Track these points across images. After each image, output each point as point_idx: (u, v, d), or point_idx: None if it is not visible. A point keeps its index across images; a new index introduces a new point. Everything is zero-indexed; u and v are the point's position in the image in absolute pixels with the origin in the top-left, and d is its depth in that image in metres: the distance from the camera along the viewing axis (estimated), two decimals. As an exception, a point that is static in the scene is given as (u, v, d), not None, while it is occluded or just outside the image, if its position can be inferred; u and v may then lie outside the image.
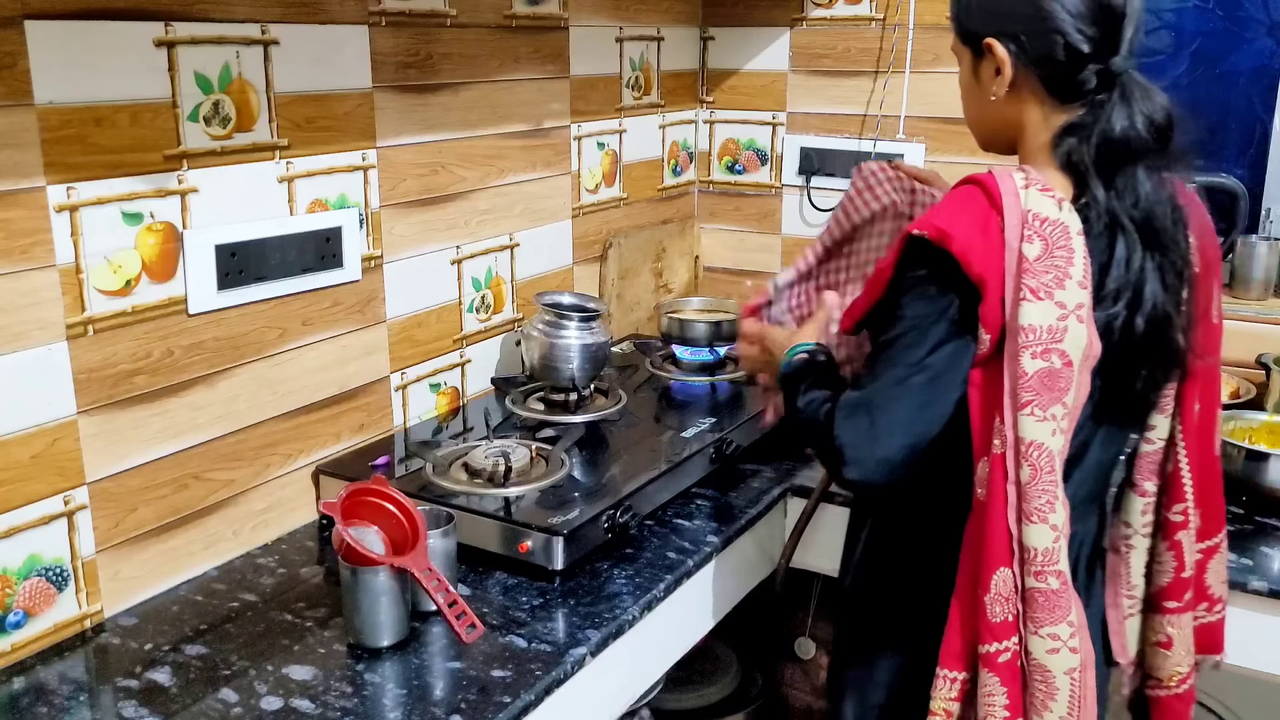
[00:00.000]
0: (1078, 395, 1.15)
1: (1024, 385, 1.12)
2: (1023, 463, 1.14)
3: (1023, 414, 1.13)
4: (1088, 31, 1.15)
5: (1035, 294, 1.12)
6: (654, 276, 2.50)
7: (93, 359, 1.35)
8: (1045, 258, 1.13)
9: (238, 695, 1.24)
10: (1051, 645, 1.17)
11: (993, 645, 1.18)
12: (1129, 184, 1.17)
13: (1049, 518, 1.14)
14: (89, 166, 1.31)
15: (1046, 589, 1.16)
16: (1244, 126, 2.35)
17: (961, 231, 1.13)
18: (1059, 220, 1.14)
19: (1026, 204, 1.14)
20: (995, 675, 1.18)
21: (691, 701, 2.16)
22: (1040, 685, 1.18)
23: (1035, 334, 1.12)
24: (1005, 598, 1.17)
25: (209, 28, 1.44)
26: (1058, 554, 1.15)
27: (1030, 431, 1.13)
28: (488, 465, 1.63)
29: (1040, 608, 1.16)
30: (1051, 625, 1.16)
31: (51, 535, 1.33)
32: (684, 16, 2.51)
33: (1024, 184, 1.16)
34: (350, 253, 1.68)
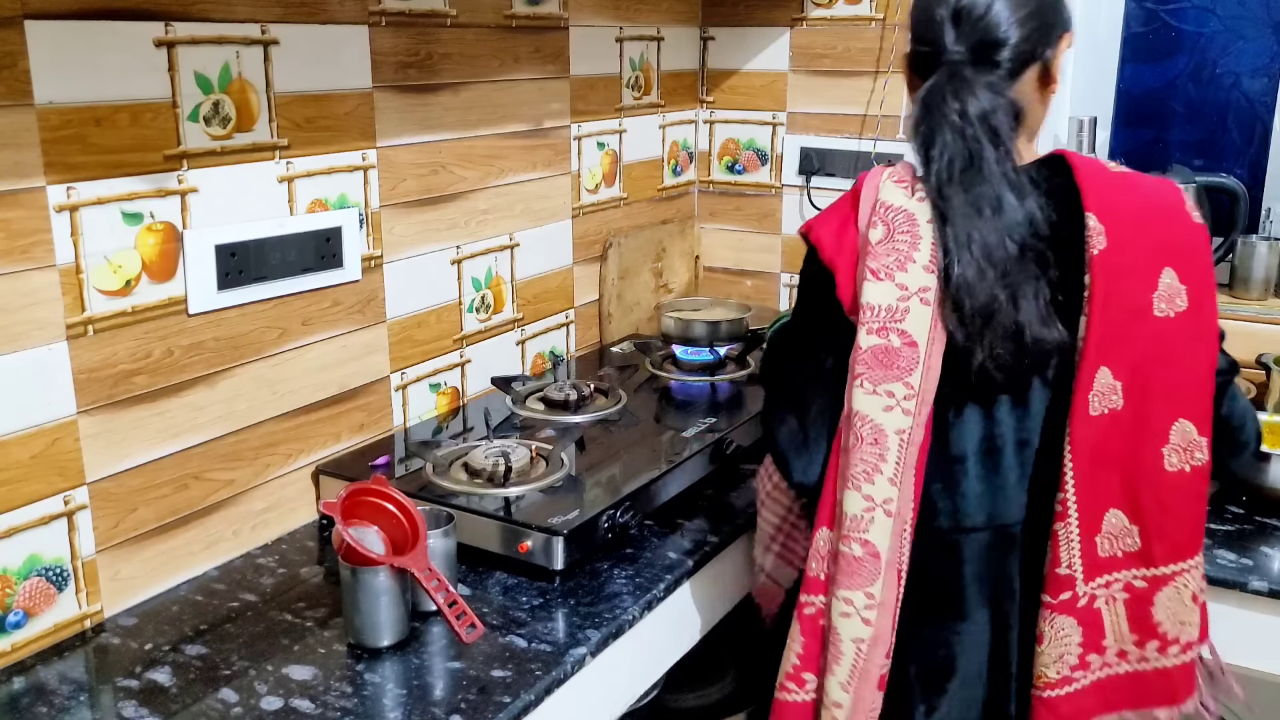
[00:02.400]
0: (926, 378, 1.21)
1: (859, 359, 1.22)
2: (849, 431, 1.23)
3: (854, 385, 1.23)
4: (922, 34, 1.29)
5: (875, 275, 1.21)
6: (654, 276, 2.50)
7: (93, 359, 1.35)
8: (886, 241, 1.22)
9: (238, 695, 1.24)
10: (844, 609, 1.25)
11: (804, 597, 1.29)
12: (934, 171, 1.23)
13: (863, 487, 1.23)
14: (89, 166, 1.31)
15: (850, 554, 1.24)
16: (1244, 126, 2.35)
17: (821, 223, 1.29)
18: (903, 208, 1.23)
19: (880, 195, 1.25)
20: (798, 625, 1.29)
21: (691, 701, 2.16)
22: (830, 646, 1.27)
23: (874, 312, 1.21)
24: (821, 556, 1.27)
25: (209, 28, 1.44)
26: (868, 523, 1.23)
27: (859, 403, 1.22)
28: (488, 465, 1.63)
29: (842, 570, 1.25)
30: (848, 590, 1.25)
31: (51, 535, 1.33)
32: (684, 16, 2.51)
33: (885, 177, 1.27)
34: (350, 253, 1.68)
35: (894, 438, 1.21)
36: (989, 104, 1.22)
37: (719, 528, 1.65)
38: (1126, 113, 2.44)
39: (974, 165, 1.21)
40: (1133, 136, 2.45)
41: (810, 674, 1.29)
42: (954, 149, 1.21)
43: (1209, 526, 1.69)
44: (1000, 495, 1.30)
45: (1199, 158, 2.39)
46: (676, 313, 2.32)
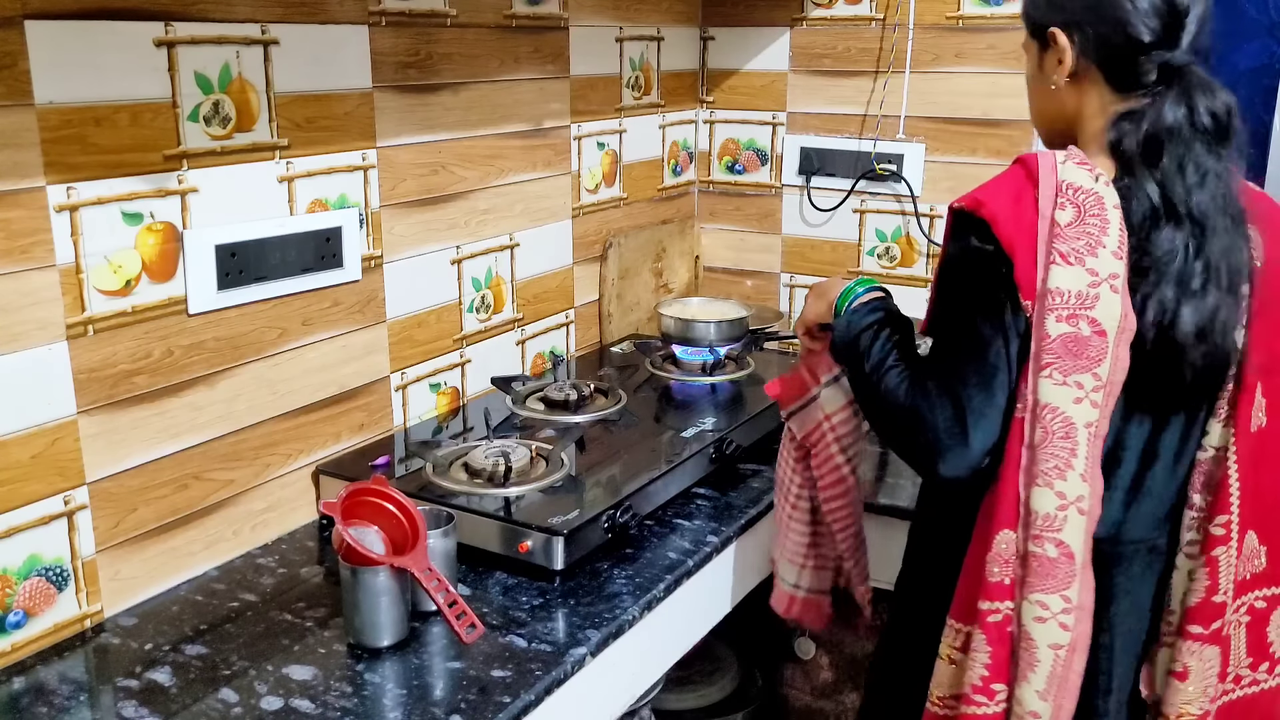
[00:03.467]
0: (1114, 369, 1.15)
1: (1046, 348, 1.13)
2: (1036, 425, 1.15)
3: (1042, 376, 1.14)
4: (1150, 23, 1.18)
5: (1065, 259, 1.13)
6: (654, 276, 2.50)
7: (93, 359, 1.35)
8: (1077, 224, 1.14)
9: (238, 695, 1.24)
10: (1039, 614, 1.18)
11: (986, 604, 1.20)
12: (1176, 172, 1.17)
13: (1055, 483, 1.15)
14: (89, 166, 1.31)
15: (1043, 555, 1.16)
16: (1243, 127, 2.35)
17: (993, 199, 1.17)
18: (1093, 190, 1.16)
19: (1062, 175, 1.17)
20: (984, 634, 1.20)
21: (691, 701, 2.16)
22: (1024, 653, 1.19)
23: (1063, 298, 1.13)
24: (1005, 560, 1.19)
25: (209, 28, 1.44)
26: (1061, 522, 1.16)
27: (1047, 394, 1.14)
28: (488, 465, 1.63)
29: (1035, 573, 1.17)
30: (1043, 594, 1.17)
31: (51, 535, 1.33)
32: (684, 16, 2.51)
33: (1063, 159, 1.19)
34: (350, 253, 1.68)
35: (1083, 431, 1.15)
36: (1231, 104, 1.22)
37: (719, 528, 1.65)
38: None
39: (1223, 174, 1.21)
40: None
41: (1000, 684, 1.21)
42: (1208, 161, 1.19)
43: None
44: (1149, 509, 1.26)
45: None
46: (676, 313, 2.32)
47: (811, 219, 2.53)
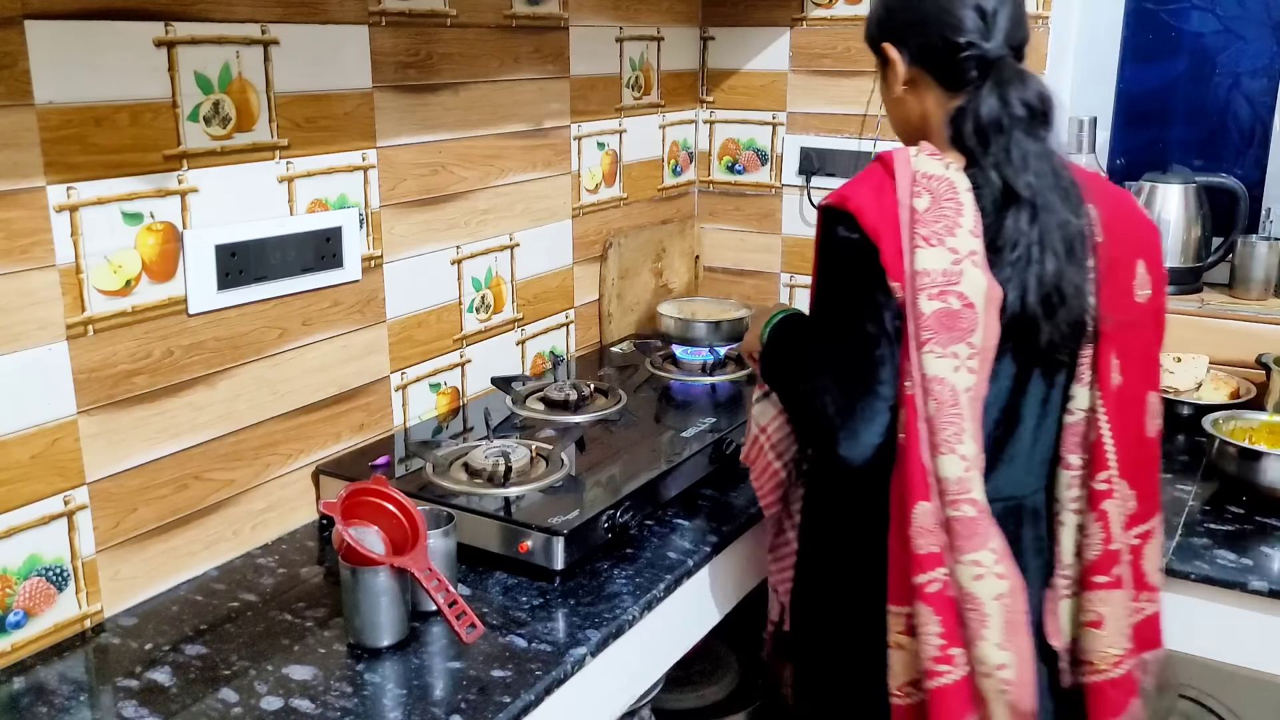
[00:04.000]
0: (986, 335, 1.23)
1: (924, 325, 1.22)
2: (928, 398, 1.23)
3: (924, 351, 1.22)
4: (964, 25, 1.30)
5: (927, 241, 1.23)
6: (654, 276, 2.50)
7: (93, 359, 1.35)
8: (934, 209, 1.24)
9: (238, 695, 1.24)
10: (976, 572, 1.24)
11: (921, 576, 1.25)
12: (1004, 154, 1.27)
13: (957, 448, 1.23)
14: (89, 166, 1.31)
15: (963, 516, 1.23)
16: (1244, 126, 2.35)
17: (855, 193, 1.27)
18: (945, 176, 1.27)
19: (916, 166, 1.28)
20: (928, 605, 1.25)
21: (691, 701, 2.16)
22: (972, 613, 1.24)
23: (930, 277, 1.22)
24: (929, 529, 1.24)
25: (209, 28, 1.44)
26: (969, 483, 1.24)
27: (932, 367, 1.22)
28: (488, 465, 1.63)
29: (960, 536, 1.24)
30: (973, 552, 1.24)
31: (51, 535, 1.33)
32: (684, 16, 2.51)
33: (915, 153, 1.30)
34: (350, 253, 1.68)
35: (964, 396, 1.23)
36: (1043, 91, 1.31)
37: (719, 528, 1.65)
38: (1126, 113, 2.44)
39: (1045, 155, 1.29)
40: (1133, 136, 2.45)
41: (957, 648, 1.25)
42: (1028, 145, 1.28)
43: (1209, 526, 1.69)
44: (1018, 470, 1.35)
45: (1199, 158, 2.39)
46: (676, 313, 2.32)
47: (812, 219, 2.52)
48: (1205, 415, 1.89)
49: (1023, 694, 1.26)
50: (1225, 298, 2.23)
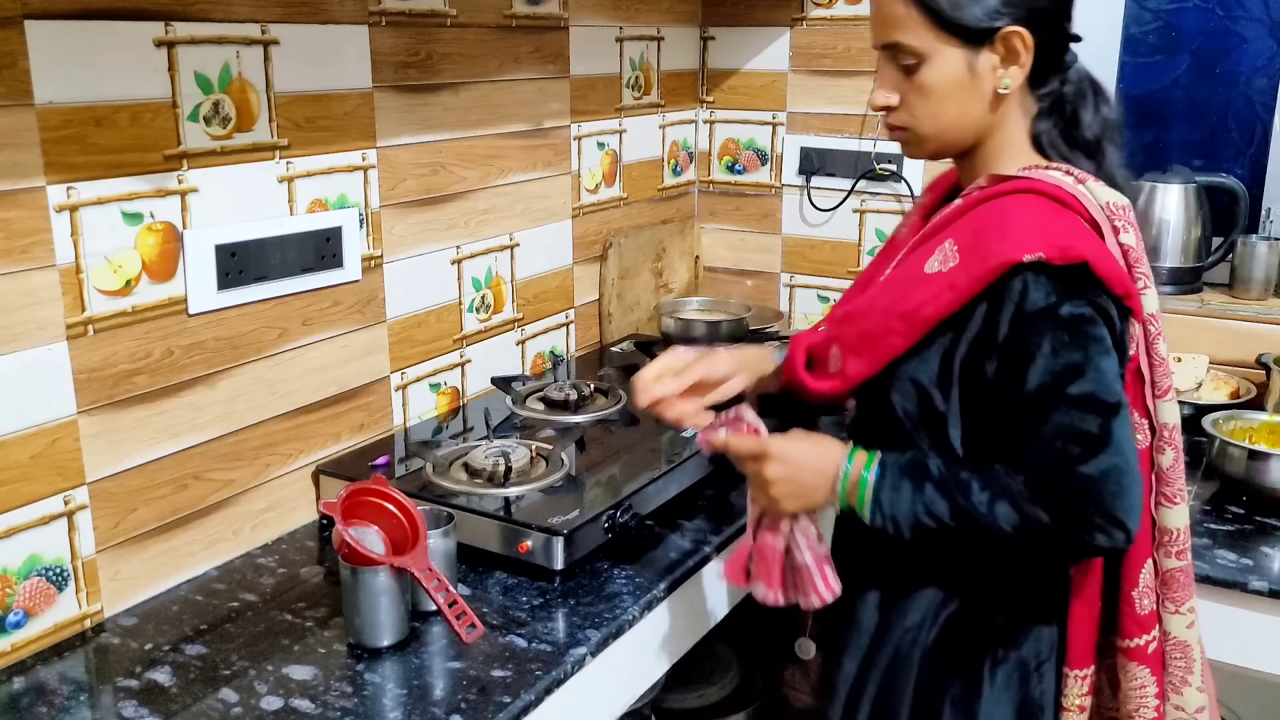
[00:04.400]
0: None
1: (1160, 372, 1.13)
2: (1165, 447, 1.15)
3: (1163, 400, 1.14)
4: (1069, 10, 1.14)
5: (1147, 279, 1.12)
6: (654, 276, 2.50)
7: (93, 359, 1.35)
8: (1138, 245, 1.12)
9: (238, 695, 1.24)
10: (1189, 620, 1.18)
11: (1141, 639, 1.16)
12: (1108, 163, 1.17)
13: (1186, 496, 1.17)
14: (89, 166, 1.31)
15: (1185, 565, 1.16)
16: (1244, 126, 2.35)
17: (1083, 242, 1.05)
18: (1126, 204, 1.13)
19: (1099, 195, 1.12)
20: (1145, 667, 1.17)
21: (691, 701, 2.16)
22: (1179, 662, 1.18)
23: (1157, 322, 1.13)
24: (1150, 588, 1.16)
25: (209, 28, 1.43)
26: (1189, 531, 1.18)
27: (1168, 415, 1.14)
28: (488, 465, 1.63)
29: (1181, 586, 1.17)
30: (1188, 601, 1.18)
31: (51, 535, 1.33)
32: (684, 16, 2.51)
33: (1072, 181, 1.13)
34: (350, 253, 1.68)
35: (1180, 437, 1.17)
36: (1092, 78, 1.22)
37: (719, 528, 1.65)
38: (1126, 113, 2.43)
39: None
40: (1133, 136, 2.45)
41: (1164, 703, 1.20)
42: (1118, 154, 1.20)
43: (1209, 526, 1.69)
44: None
45: (1199, 158, 2.39)
46: (676, 313, 2.32)
47: (811, 219, 2.53)
48: (1205, 415, 1.88)
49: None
50: (1225, 298, 2.23)
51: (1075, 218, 1.09)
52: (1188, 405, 2.07)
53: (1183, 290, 2.25)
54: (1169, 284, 2.25)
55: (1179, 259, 2.25)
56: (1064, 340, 1.05)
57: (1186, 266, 2.25)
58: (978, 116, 1.16)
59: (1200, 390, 2.12)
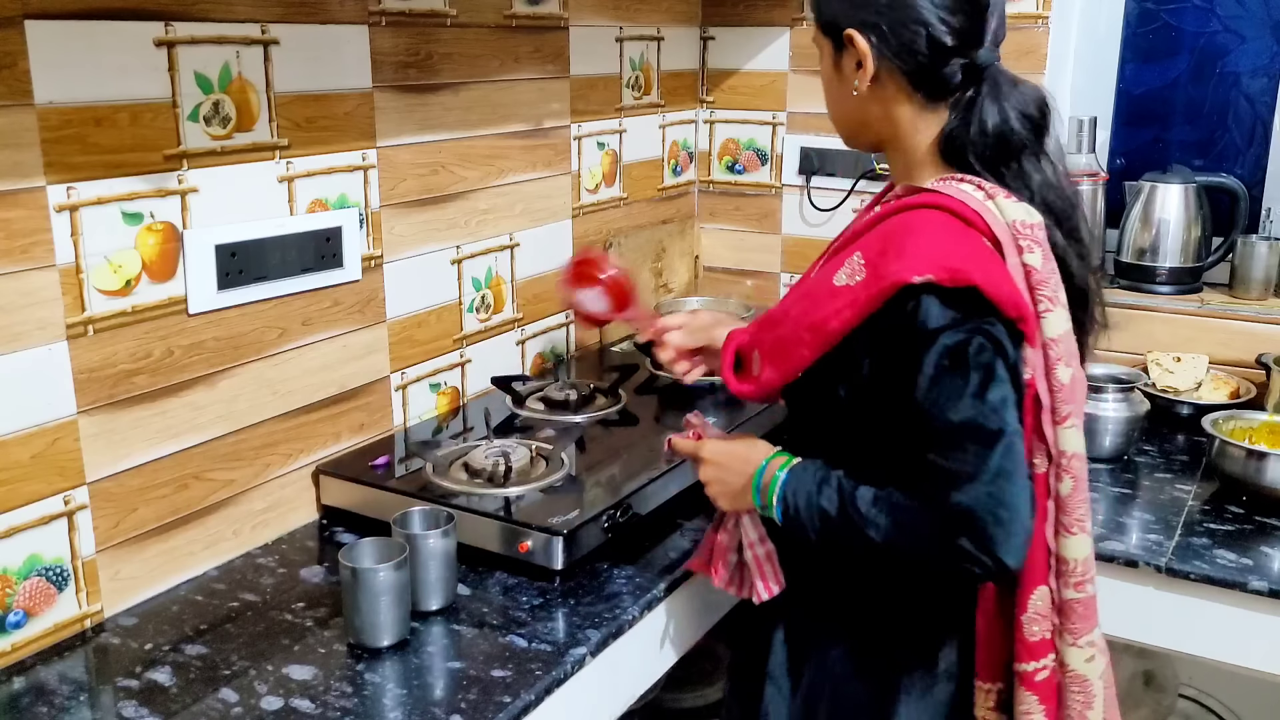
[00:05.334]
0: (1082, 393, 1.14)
1: (1060, 398, 1.09)
2: (1064, 475, 1.11)
3: (1063, 427, 1.10)
4: (951, 22, 1.10)
5: (1051, 303, 1.09)
6: (654, 276, 2.50)
7: (93, 359, 1.35)
8: (1046, 263, 1.10)
9: (238, 695, 1.24)
10: (1089, 654, 1.16)
11: (1030, 664, 1.15)
12: (1020, 182, 1.14)
13: (1087, 526, 1.12)
14: (89, 166, 1.31)
15: (1085, 598, 1.14)
16: (1244, 126, 2.35)
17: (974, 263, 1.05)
18: (1039, 223, 1.11)
19: (1008, 214, 1.10)
20: (1033, 694, 1.16)
21: (691, 701, 2.16)
22: (1078, 696, 1.16)
23: (1062, 345, 1.09)
24: (1044, 615, 1.14)
25: (209, 28, 1.44)
26: (1092, 562, 1.15)
27: (1069, 443, 1.10)
28: (488, 465, 1.63)
29: (1080, 618, 1.14)
30: (1088, 634, 1.15)
31: (51, 535, 1.33)
32: (684, 16, 2.51)
33: (984, 195, 1.11)
34: (350, 253, 1.68)
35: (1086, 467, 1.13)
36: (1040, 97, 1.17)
37: (719, 528, 1.65)
38: (1126, 113, 2.44)
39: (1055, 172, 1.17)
40: (1133, 136, 2.45)
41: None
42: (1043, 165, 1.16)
43: (1209, 526, 1.69)
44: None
45: (1199, 158, 2.39)
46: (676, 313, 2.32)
47: (811, 219, 2.53)
48: (1205, 415, 1.88)
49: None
50: (1225, 298, 2.23)
51: (977, 237, 1.08)
52: (1188, 405, 2.08)
53: (1183, 290, 2.25)
54: (1169, 284, 2.26)
55: (1179, 259, 2.25)
56: (945, 366, 1.06)
57: (1186, 266, 2.25)
58: (852, 113, 1.21)
59: (1200, 390, 2.12)
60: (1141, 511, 1.75)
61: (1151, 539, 1.65)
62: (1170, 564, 1.58)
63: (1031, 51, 2.23)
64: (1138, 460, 1.95)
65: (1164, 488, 1.84)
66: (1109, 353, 2.24)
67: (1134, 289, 2.27)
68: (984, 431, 1.05)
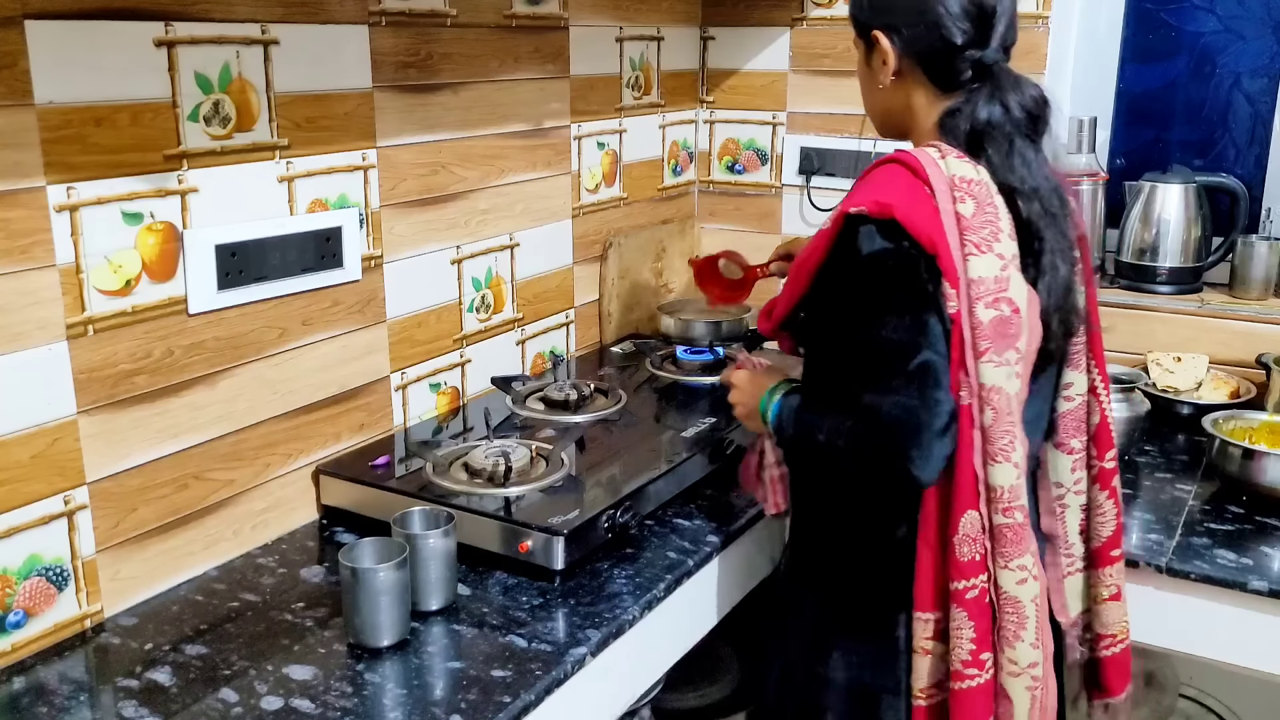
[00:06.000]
0: (1030, 340, 1.24)
1: (981, 334, 1.21)
2: (985, 407, 1.22)
3: (982, 361, 1.21)
4: (961, 25, 1.26)
5: (978, 248, 1.21)
6: (654, 276, 2.50)
7: (93, 359, 1.35)
8: (979, 214, 1.22)
9: (238, 695, 1.24)
10: (1020, 576, 1.26)
11: (962, 583, 1.26)
12: (1005, 160, 1.27)
13: (1011, 456, 1.23)
14: (89, 166, 1.31)
15: (1013, 524, 1.24)
16: (1244, 126, 2.35)
17: (897, 199, 1.21)
18: (981, 180, 1.24)
19: (949, 170, 1.24)
20: (964, 610, 1.26)
21: (691, 701, 2.16)
22: (1011, 616, 1.26)
23: (985, 285, 1.21)
24: (973, 538, 1.25)
25: (209, 28, 1.44)
26: (1021, 490, 1.24)
27: (989, 377, 1.21)
28: (488, 465, 1.63)
29: (1009, 542, 1.25)
30: (1019, 558, 1.25)
31: (51, 535, 1.33)
32: (684, 16, 2.51)
33: (939, 155, 1.26)
34: (350, 253, 1.68)
35: (1015, 402, 1.23)
36: (1040, 95, 1.30)
37: (719, 528, 1.65)
38: (1126, 113, 2.44)
39: (1043, 161, 1.30)
40: (1133, 136, 2.45)
41: (988, 653, 1.27)
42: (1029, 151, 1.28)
43: (1209, 526, 1.69)
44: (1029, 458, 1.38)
45: (1199, 158, 2.39)
46: (676, 313, 2.32)
47: (811, 219, 2.53)
48: (1205, 415, 1.88)
49: (1048, 689, 1.29)
50: (1225, 298, 2.23)
51: (919, 184, 1.23)
52: (1188, 405, 2.08)
53: (1183, 290, 2.25)
54: (1169, 284, 2.26)
55: (1179, 259, 2.25)
56: (869, 284, 1.23)
57: (1186, 266, 2.25)
58: (881, 104, 1.38)
59: (1200, 390, 2.12)
60: (1142, 511, 1.75)
61: (1152, 539, 1.65)
62: (1171, 564, 1.58)
63: (1031, 51, 2.23)
64: (1138, 460, 1.95)
65: (1164, 488, 1.84)
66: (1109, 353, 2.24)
67: (1134, 289, 2.27)
68: (900, 346, 1.21)
